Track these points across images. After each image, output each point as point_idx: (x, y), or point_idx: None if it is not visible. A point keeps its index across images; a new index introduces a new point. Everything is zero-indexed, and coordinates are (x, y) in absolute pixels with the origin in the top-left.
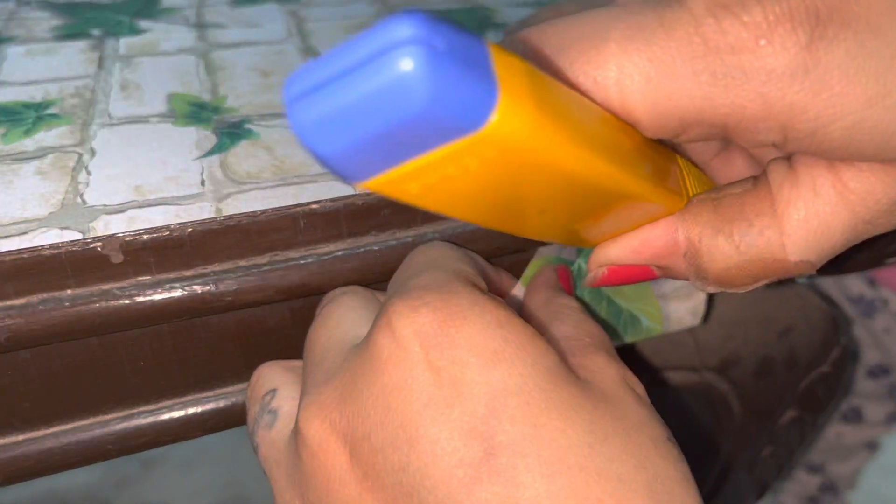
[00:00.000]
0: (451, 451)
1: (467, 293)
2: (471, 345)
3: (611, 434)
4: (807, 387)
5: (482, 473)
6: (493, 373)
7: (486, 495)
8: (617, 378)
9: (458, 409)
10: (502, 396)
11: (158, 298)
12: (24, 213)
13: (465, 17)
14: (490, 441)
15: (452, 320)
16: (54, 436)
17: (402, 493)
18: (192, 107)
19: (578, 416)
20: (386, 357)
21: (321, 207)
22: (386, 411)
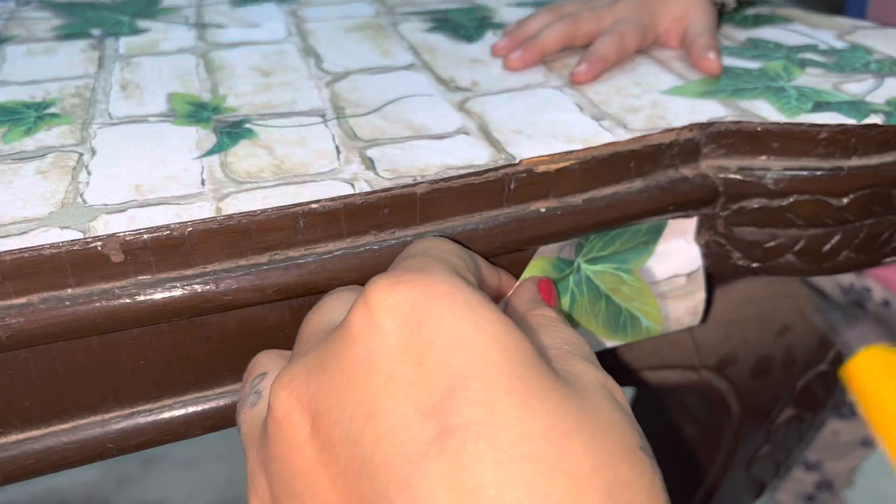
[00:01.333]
0: (405, 428)
1: (447, 278)
2: (439, 326)
3: (574, 430)
4: (804, 386)
5: (432, 453)
6: (457, 355)
7: (434, 475)
8: (596, 381)
9: (417, 388)
10: (463, 378)
11: (158, 297)
12: (24, 212)
13: (464, 16)
14: (444, 421)
15: (426, 300)
16: (54, 435)
17: (353, 467)
18: (192, 106)
19: (542, 406)
20: (357, 331)
21: (321, 207)
22: (349, 384)
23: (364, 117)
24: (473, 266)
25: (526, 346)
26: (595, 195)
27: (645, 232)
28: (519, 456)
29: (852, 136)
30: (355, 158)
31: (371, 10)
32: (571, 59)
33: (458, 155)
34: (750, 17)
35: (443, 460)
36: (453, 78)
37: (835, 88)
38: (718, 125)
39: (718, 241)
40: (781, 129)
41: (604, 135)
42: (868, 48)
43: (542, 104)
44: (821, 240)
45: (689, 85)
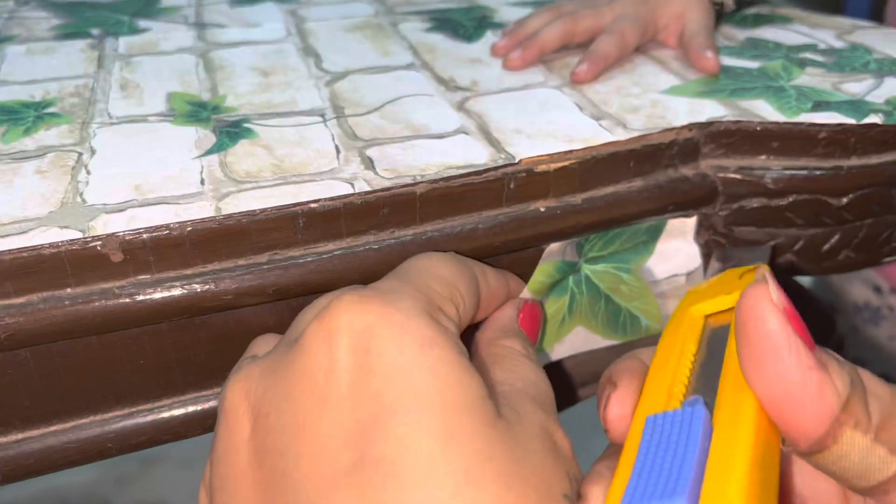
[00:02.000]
0: (325, 451)
1: (408, 307)
2: (384, 355)
3: (492, 477)
4: None
5: (343, 482)
6: (391, 387)
7: (351, 497)
8: (537, 425)
9: (346, 413)
10: (389, 413)
11: (158, 297)
12: (23, 212)
13: (464, 15)
14: (361, 452)
15: (380, 327)
16: (54, 434)
17: (276, 478)
18: (192, 106)
19: (462, 450)
20: (309, 343)
21: (320, 206)
22: (290, 394)
23: (364, 117)
24: (466, 292)
25: (470, 387)
26: (594, 195)
27: (644, 231)
28: (425, 498)
29: (852, 136)
30: (355, 158)
31: (371, 9)
32: (571, 59)
33: (457, 154)
34: (749, 17)
35: (351, 492)
36: (453, 77)
37: (834, 88)
38: (718, 125)
39: (718, 240)
40: (781, 129)
41: (603, 134)
42: (868, 48)
43: (541, 104)
44: (820, 239)
45: (689, 84)
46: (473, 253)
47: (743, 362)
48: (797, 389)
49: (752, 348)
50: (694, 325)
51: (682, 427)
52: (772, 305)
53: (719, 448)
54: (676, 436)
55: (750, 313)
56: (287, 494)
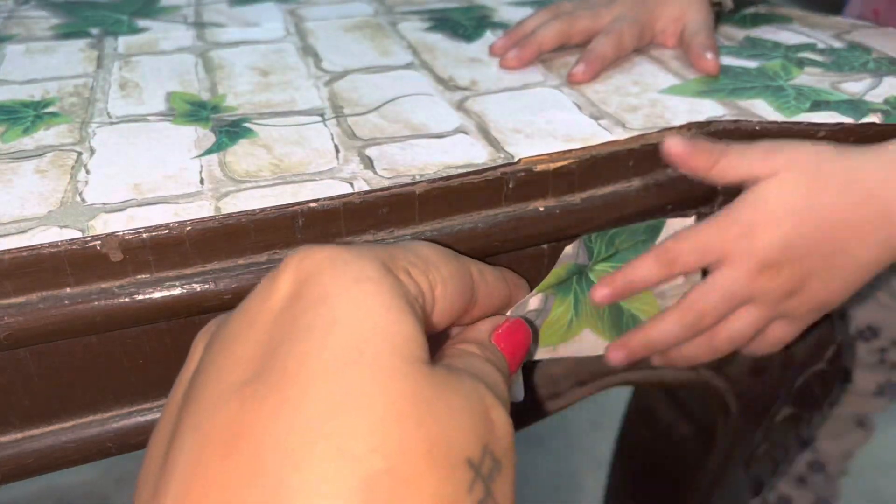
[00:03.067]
0: (230, 368)
1: (364, 253)
2: (317, 285)
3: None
4: (802, 384)
5: (234, 395)
6: (312, 312)
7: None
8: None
9: (264, 335)
10: (300, 333)
11: (158, 296)
12: (23, 211)
13: (463, 15)
14: (262, 367)
15: (325, 262)
16: (53, 434)
17: (188, 400)
18: (191, 105)
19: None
20: (264, 281)
21: (320, 206)
22: (228, 325)
23: (363, 116)
24: (448, 276)
25: (395, 325)
26: (594, 194)
27: (643, 231)
28: (296, 419)
29: (850, 135)
30: (354, 157)
31: (370, 9)
32: (570, 58)
33: (456, 154)
34: (748, 17)
35: (237, 404)
36: (452, 77)
37: (833, 87)
38: (717, 124)
39: None
40: (780, 128)
41: (602, 134)
42: (866, 47)
43: (540, 103)
44: None
45: (688, 84)
46: (473, 252)
47: None
48: None
49: None
50: None
51: None
52: None
53: None
54: None
55: None
56: (186, 411)
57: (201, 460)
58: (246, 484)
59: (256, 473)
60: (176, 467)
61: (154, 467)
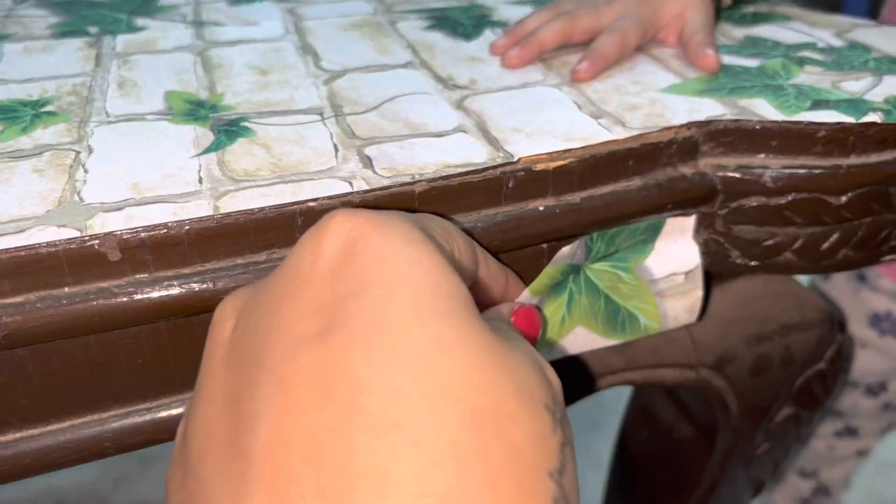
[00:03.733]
0: (296, 321)
1: (401, 218)
2: (369, 244)
3: (464, 356)
4: (803, 384)
5: (310, 345)
6: (373, 269)
7: (307, 368)
8: (528, 350)
9: (324, 289)
10: (367, 287)
11: (156, 296)
12: (21, 210)
13: (463, 14)
14: (334, 319)
15: (371, 228)
16: (52, 434)
17: (247, 358)
18: (190, 104)
19: (436, 325)
20: (299, 245)
21: (319, 205)
22: (274, 287)
23: (362, 115)
24: (464, 247)
25: (455, 283)
26: (593, 193)
27: (643, 230)
28: (393, 362)
29: (851, 135)
30: (353, 157)
31: (369, 7)
32: (570, 57)
33: (456, 153)
34: (748, 15)
35: (316, 354)
36: (451, 76)
37: (833, 87)
38: (717, 123)
39: (717, 239)
40: (780, 128)
41: (602, 133)
42: (867, 46)
43: (540, 102)
44: (819, 238)
45: (688, 83)
46: None
47: None
48: None
49: None
50: None
51: None
52: None
53: None
54: None
55: None
56: (252, 369)
57: (293, 410)
58: (349, 426)
59: (360, 414)
60: (261, 421)
61: (213, 429)
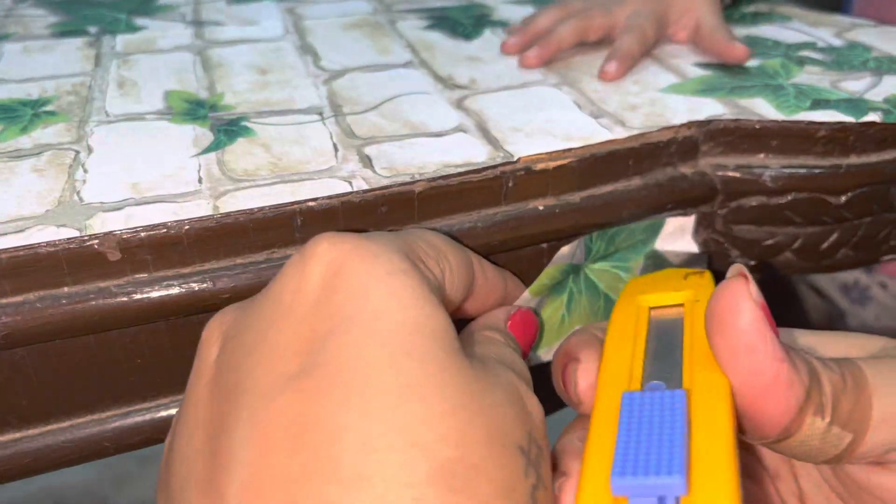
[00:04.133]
0: (276, 359)
1: (387, 245)
2: (351, 277)
3: (436, 397)
4: None
5: (288, 386)
6: (352, 303)
7: (282, 410)
8: (505, 379)
9: (304, 325)
10: (346, 325)
11: (156, 296)
12: (20, 210)
13: (462, 13)
14: (313, 360)
15: (353, 258)
16: (51, 433)
17: (228, 389)
18: (189, 104)
19: (412, 366)
20: (284, 271)
21: (318, 205)
22: (258, 314)
23: (362, 115)
24: (456, 264)
25: (433, 317)
26: (593, 193)
27: (643, 230)
28: (365, 410)
29: (850, 134)
30: (353, 156)
31: (369, 7)
32: (572, 58)
33: (456, 153)
34: (748, 15)
35: (293, 396)
36: (451, 76)
37: (833, 86)
38: (717, 123)
39: (717, 239)
40: (780, 127)
41: (602, 133)
42: (866, 46)
43: (540, 102)
44: (819, 238)
45: (688, 83)
46: (472, 251)
47: (719, 353)
48: (770, 381)
49: (729, 340)
50: (642, 314)
51: (664, 407)
52: (751, 301)
53: (702, 431)
54: (659, 415)
55: (729, 307)
56: (232, 403)
57: (268, 455)
58: (322, 476)
59: (331, 465)
60: (236, 462)
61: (194, 461)
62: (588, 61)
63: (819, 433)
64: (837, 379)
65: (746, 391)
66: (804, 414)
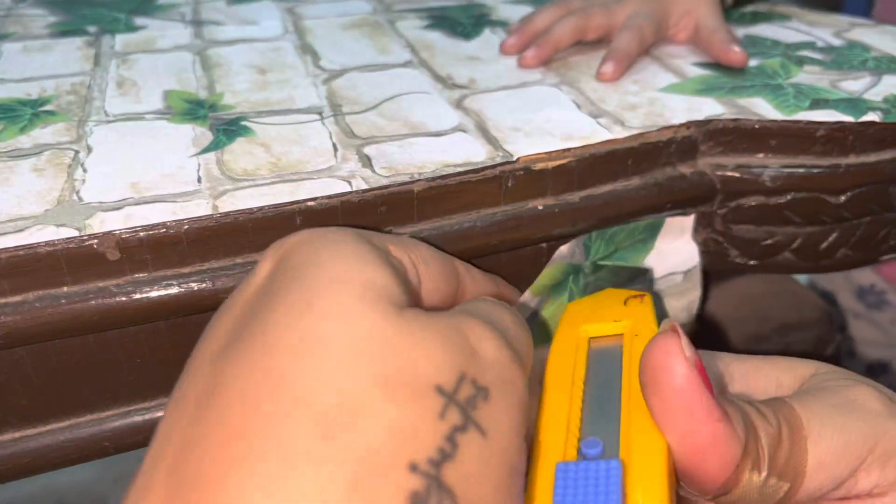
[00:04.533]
0: (211, 341)
1: (347, 231)
2: (295, 255)
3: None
4: None
5: (210, 362)
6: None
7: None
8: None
9: (238, 308)
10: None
11: (155, 296)
12: (20, 210)
13: (462, 13)
14: (238, 333)
15: (306, 239)
16: (51, 433)
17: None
18: (189, 104)
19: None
20: (254, 269)
21: (318, 205)
22: (220, 308)
23: (361, 115)
24: (431, 259)
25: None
26: (593, 193)
27: (642, 230)
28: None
29: (850, 134)
30: (352, 156)
31: (368, 7)
32: (571, 57)
33: (455, 152)
34: (748, 15)
35: (212, 367)
36: (451, 75)
37: (832, 86)
38: (716, 123)
39: (716, 238)
40: (779, 127)
41: (601, 132)
42: (866, 45)
43: (539, 101)
44: (818, 237)
45: (687, 83)
46: (471, 251)
47: (654, 413)
48: (707, 441)
49: (665, 401)
50: (581, 347)
51: (599, 480)
52: (684, 361)
53: (638, 498)
54: (594, 488)
55: (662, 367)
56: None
57: (175, 423)
58: (214, 439)
59: (223, 426)
60: (155, 436)
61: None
62: (587, 61)
63: (757, 487)
64: (773, 432)
65: (683, 450)
66: (742, 470)
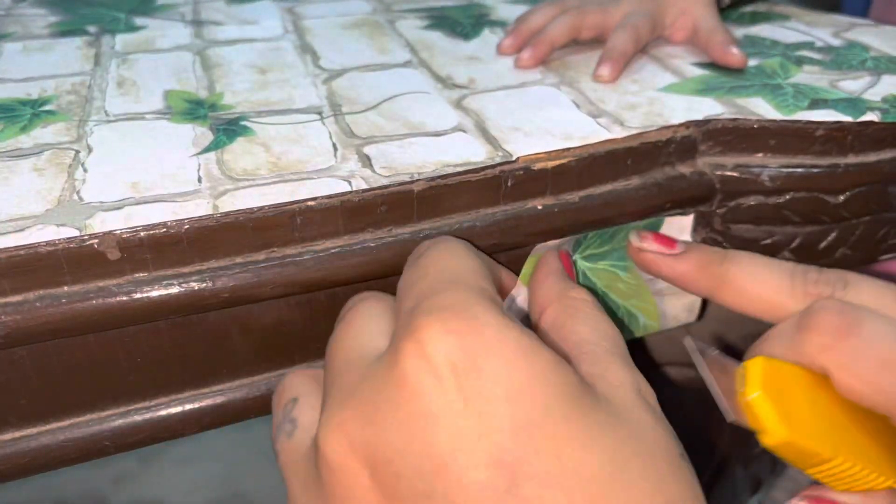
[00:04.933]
0: (477, 481)
1: (495, 321)
2: (498, 377)
3: (630, 458)
4: None
5: (507, 501)
6: (518, 405)
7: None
8: (633, 391)
9: (485, 441)
10: (527, 429)
11: (155, 295)
12: (20, 209)
13: (461, 13)
14: (515, 471)
15: (480, 348)
16: (51, 432)
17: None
18: (189, 104)
19: (599, 444)
20: (413, 380)
21: (318, 204)
22: (411, 438)
23: (361, 114)
24: (495, 279)
25: (573, 381)
26: (592, 192)
27: (642, 229)
28: (590, 498)
29: (849, 134)
30: (352, 156)
31: (368, 7)
32: (570, 57)
33: (455, 152)
34: (747, 15)
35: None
36: (450, 75)
37: (831, 86)
38: (715, 122)
39: (715, 238)
40: (778, 127)
41: (601, 132)
42: (865, 45)
43: (539, 101)
44: (817, 237)
45: (686, 82)
46: None
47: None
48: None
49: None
50: None
51: None
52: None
53: None
54: None
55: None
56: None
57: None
58: None
59: None
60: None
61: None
62: (587, 60)
63: None
64: None
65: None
66: None
